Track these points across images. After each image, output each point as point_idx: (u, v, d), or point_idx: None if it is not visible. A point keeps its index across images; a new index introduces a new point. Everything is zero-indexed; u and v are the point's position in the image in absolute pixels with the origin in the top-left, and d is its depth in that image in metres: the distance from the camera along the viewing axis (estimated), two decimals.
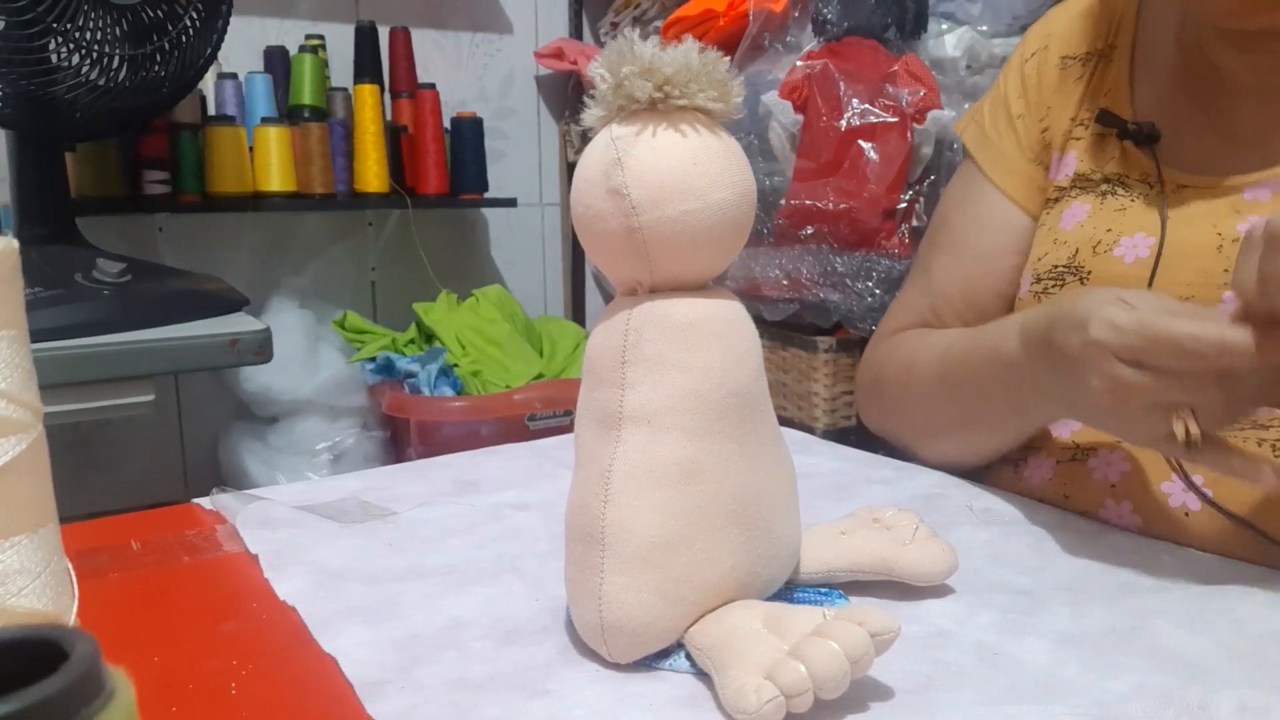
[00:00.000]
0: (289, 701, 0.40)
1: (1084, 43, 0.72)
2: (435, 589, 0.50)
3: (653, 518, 0.40)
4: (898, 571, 0.48)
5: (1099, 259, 0.64)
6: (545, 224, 2.32)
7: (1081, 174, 0.69)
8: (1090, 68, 0.71)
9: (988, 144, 0.76)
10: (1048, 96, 0.73)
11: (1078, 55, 0.72)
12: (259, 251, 1.98)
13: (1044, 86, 0.73)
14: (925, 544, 0.49)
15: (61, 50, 1.12)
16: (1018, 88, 0.75)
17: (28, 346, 0.38)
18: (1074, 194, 0.68)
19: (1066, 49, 0.73)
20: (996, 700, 0.38)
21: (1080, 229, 0.66)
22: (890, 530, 0.50)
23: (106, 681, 0.21)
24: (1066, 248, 0.66)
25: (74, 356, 1.09)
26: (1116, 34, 0.71)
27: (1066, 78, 0.72)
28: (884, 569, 0.48)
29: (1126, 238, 0.63)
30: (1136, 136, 0.64)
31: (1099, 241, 0.64)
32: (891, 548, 0.49)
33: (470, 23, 2.14)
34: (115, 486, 1.87)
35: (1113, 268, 0.63)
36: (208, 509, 0.64)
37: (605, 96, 0.40)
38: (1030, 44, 0.76)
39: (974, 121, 0.78)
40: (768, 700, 0.35)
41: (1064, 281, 0.66)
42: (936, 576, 0.48)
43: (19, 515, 0.38)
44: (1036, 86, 0.74)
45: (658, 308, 0.41)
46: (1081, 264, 0.65)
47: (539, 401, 1.73)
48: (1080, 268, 0.65)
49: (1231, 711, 0.37)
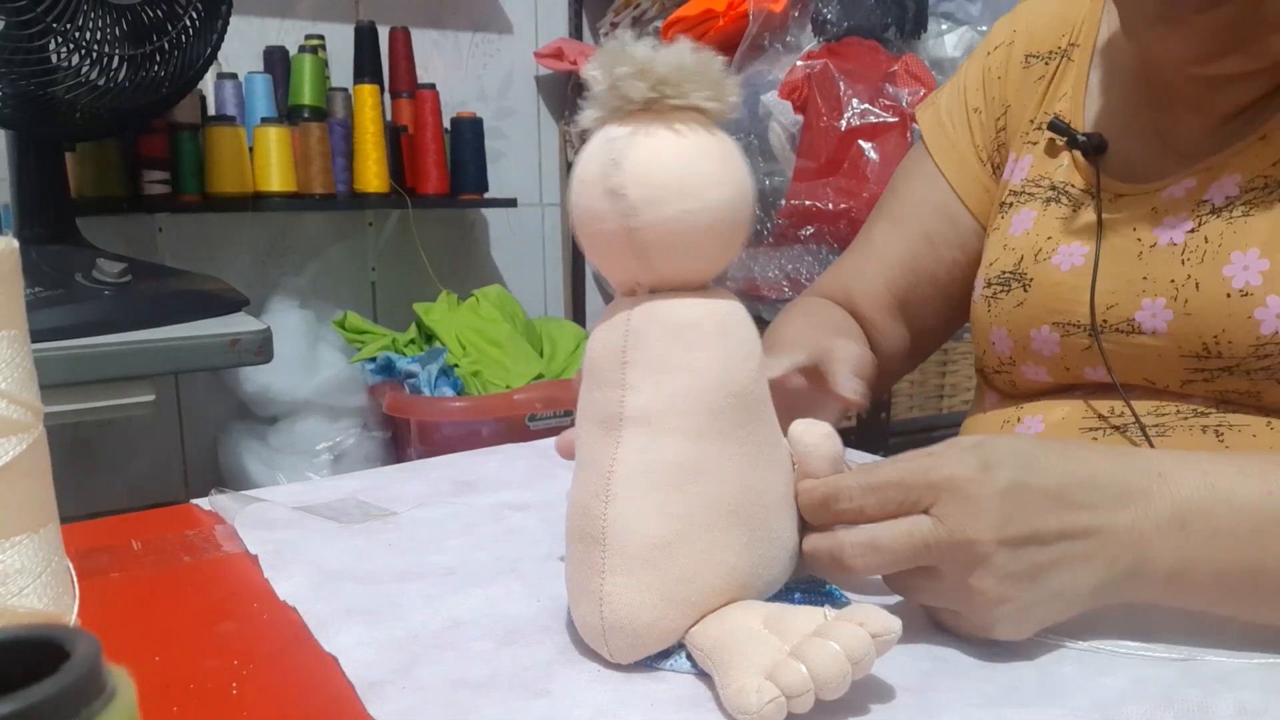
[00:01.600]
0: (289, 701, 0.40)
1: (1048, 40, 0.71)
2: (435, 589, 0.50)
3: (654, 518, 0.40)
4: None
5: (1039, 267, 0.65)
6: (545, 224, 2.32)
7: (1031, 179, 0.69)
8: (1052, 67, 0.71)
9: (942, 133, 0.76)
10: (1008, 94, 0.73)
11: (1041, 53, 0.72)
12: (259, 251, 1.98)
13: (1006, 83, 0.73)
14: None
15: (61, 50, 1.12)
16: (978, 80, 0.75)
17: (28, 346, 0.38)
18: (1024, 200, 0.69)
19: (1031, 46, 0.72)
20: (996, 700, 0.38)
21: (1026, 236, 0.67)
22: None
23: (107, 681, 0.21)
24: (1014, 254, 0.67)
25: (74, 356, 1.09)
26: (1079, 33, 0.70)
27: (1029, 76, 0.72)
28: None
29: (1064, 246, 0.64)
30: (1084, 148, 0.65)
31: (1040, 250, 0.66)
32: None
33: (470, 23, 2.14)
34: (115, 486, 1.87)
35: (1051, 275, 0.64)
36: (207, 509, 0.64)
37: (600, 97, 0.40)
38: (996, 36, 0.75)
39: (932, 107, 0.78)
40: (769, 700, 0.35)
41: (1009, 287, 0.67)
42: None
43: (20, 515, 0.38)
44: (998, 81, 0.73)
45: (657, 308, 0.41)
46: (1024, 271, 0.66)
47: (539, 401, 1.73)
48: (1024, 275, 0.66)
49: (1231, 712, 0.37)
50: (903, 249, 0.76)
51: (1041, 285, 0.65)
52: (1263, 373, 0.56)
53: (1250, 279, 0.55)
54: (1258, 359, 0.55)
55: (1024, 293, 0.66)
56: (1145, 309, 0.59)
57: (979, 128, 0.74)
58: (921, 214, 0.76)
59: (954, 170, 0.75)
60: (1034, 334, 0.65)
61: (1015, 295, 0.67)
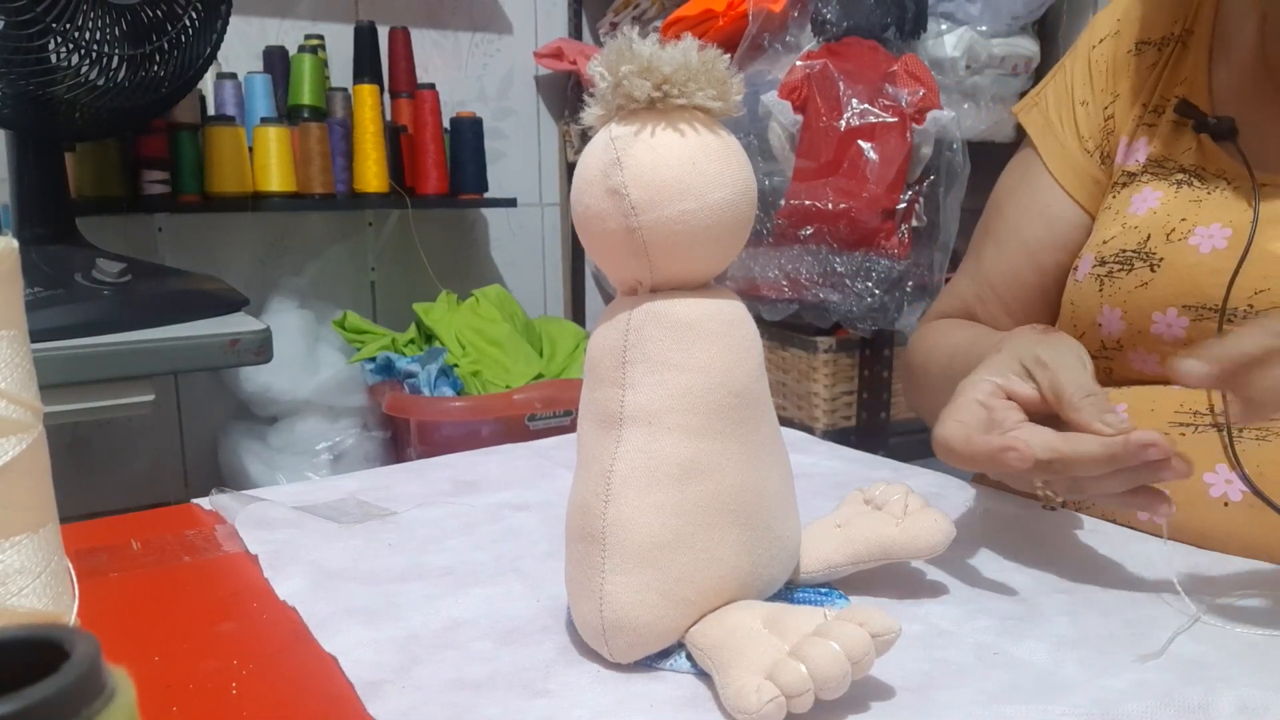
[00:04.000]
0: (289, 701, 0.40)
1: (1159, 27, 0.70)
2: (435, 589, 0.50)
3: (654, 517, 0.40)
4: (895, 551, 0.48)
5: (1172, 246, 0.62)
6: (545, 224, 2.32)
7: (1154, 160, 0.67)
8: (1166, 54, 0.69)
9: (1049, 132, 0.75)
10: (1117, 83, 0.72)
11: (1153, 40, 0.70)
12: (259, 251, 1.98)
13: (1114, 73, 0.72)
14: (919, 517, 0.48)
15: (61, 50, 1.12)
16: (1084, 74, 0.74)
17: (28, 346, 0.38)
18: (1146, 179, 0.67)
19: (1141, 33, 0.71)
20: (996, 700, 0.38)
21: (1153, 215, 0.64)
22: (883, 509, 0.50)
23: (107, 681, 0.21)
24: (1137, 233, 0.64)
25: (74, 356, 1.09)
26: (1195, 19, 0.69)
27: (1140, 63, 0.70)
28: (882, 553, 0.48)
29: (1203, 227, 0.61)
30: (1215, 130, 0.63)
31: (1173, 229, 0.63)
32: (886, 528, 0.48)
33: (470, 23, 2.14)
34: (115, 486, 1.87)
35: (1187, 256, 0.61)
36: (207, 509, 0.64)
37: (604, 96, 0.40)
38: (1100, 29, 0.74)
39: (1036, 105, 0.77)
40: (769, 700, 0.35)
41: (1131, 266, 0.64)
42: (936, 548, 0.48)
43: (19, 515, 0.38)
44: (1106, 73, 0.72)
45: (658, 307, 0.41)
46: (1153, 250, 0.63)
47: (539, 401, 1.73)
48: (1151, 254, 0.63)
49: (1231, 711, 0.37)
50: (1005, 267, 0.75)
51: (1174, 265, 0.61)
52: None
53: None
54: None
55: (1150, 273, 0.62)
56: None
57: (1086, 119, 0.73)
58: (1029, 229, 0.75)
59: (1062, 168, 0.73)
60: (1157, 316, 0.62)
61: (1139, 274, 0.63)
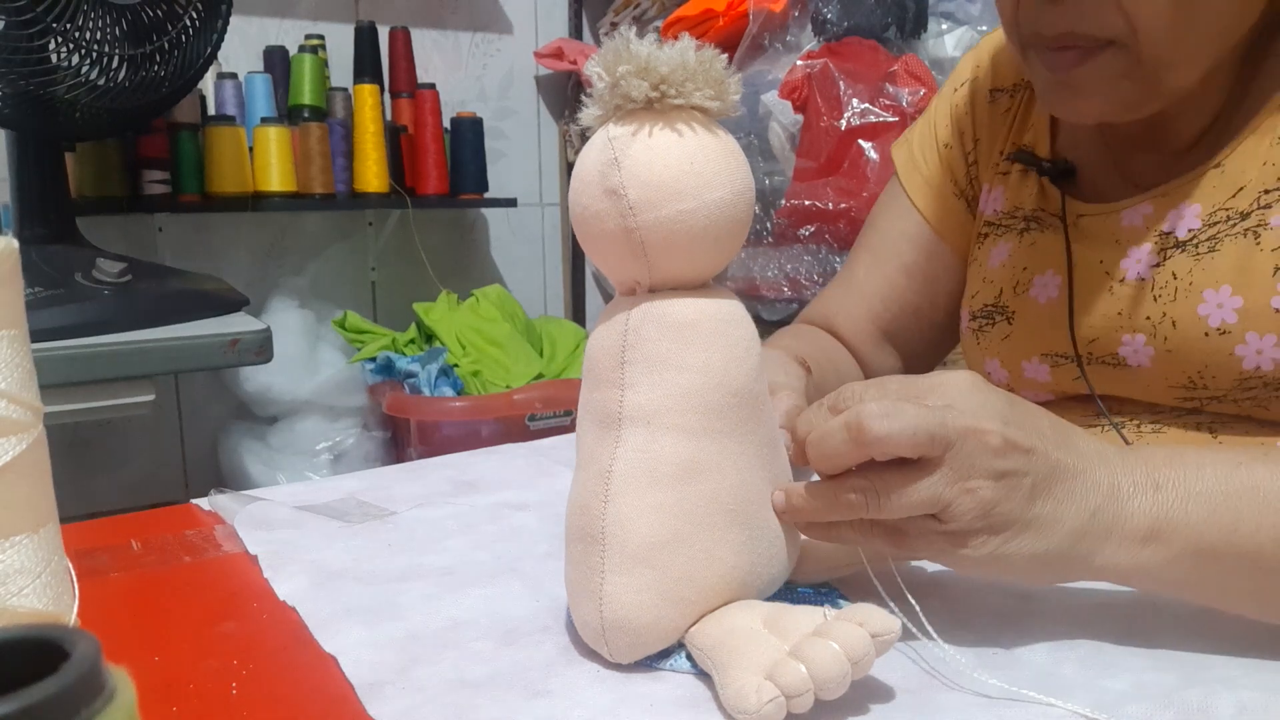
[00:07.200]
0: (289, 701, 0.40)
1: (1010, 75, 0.72)
2: (435, 589, 0.50)
3: (653, 517, 0.40)
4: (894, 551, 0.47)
5: (1020, 299, 0.66)
6: (545, 224, 2.32)
7: (1006, 211, 0.70)
8: (1017, 100, 0.71)
9: (915, 170, 0.77)
10: (978, 128, 0.73)
11: (1005, 88, 0.72)
12: (259, 251, 1.98)
13: (974, 118, 0.74)
14: None
15: (61, 50, 1.12)
16: (946, 117, 0.75)
17: (28, 346, 0.38)
18: (1000, 232, 0.70)
19: (995, 81, 0.73)
20: (995, 700, 0.38)
21: (1003, 268, 0.68)
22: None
23: (107, 681, 0.21)
24: (993, 287, 0.68)
25: (74, 356, 1.09)
26: None
27: (995, 110, 0.72)
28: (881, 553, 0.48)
29: (1039, 275, 0.65)
30: (1052, 173, 0.65)
31: (1018, 281, 0.66)
32: None
33: (470, 23, 2.14)
34: (115, 486, 1.87)
35: (1030, 308, 0.65)
36: (207, 509, 0.64)
37: (602, 96, 0.40)
38: (960, 73, 0.76)
39: (905, 144, 0.79)
40: (768, 700, 0.35)
41: (994, 320, 0.68)
42: None
43: (19, 515, 0.38)
44: (966, 117, 0.74)
45: (657, 307, 0.41)
46: (1006, 304, 0.67)
47: (539, 401, 1.73)
48: (1005, 308, 0.67)
49: (1231, 712, 0.37)
50: (882, 282, 0.77)
51: (1024, 318, 0.66)
52: (1250, 401, 0.56)
53: (1226, 316, 0.55)
54: (1243, 391, 0.56)
55: (1009, 325, 0.67)
56: (1127, 344, 0.60)
57: (951, 163, 0.75)
58: (900, 248, 0.77)
59: (928, 205, 0.75)
60: (1025, 365, 0.66)
61: (1001, 328, 0.67)
